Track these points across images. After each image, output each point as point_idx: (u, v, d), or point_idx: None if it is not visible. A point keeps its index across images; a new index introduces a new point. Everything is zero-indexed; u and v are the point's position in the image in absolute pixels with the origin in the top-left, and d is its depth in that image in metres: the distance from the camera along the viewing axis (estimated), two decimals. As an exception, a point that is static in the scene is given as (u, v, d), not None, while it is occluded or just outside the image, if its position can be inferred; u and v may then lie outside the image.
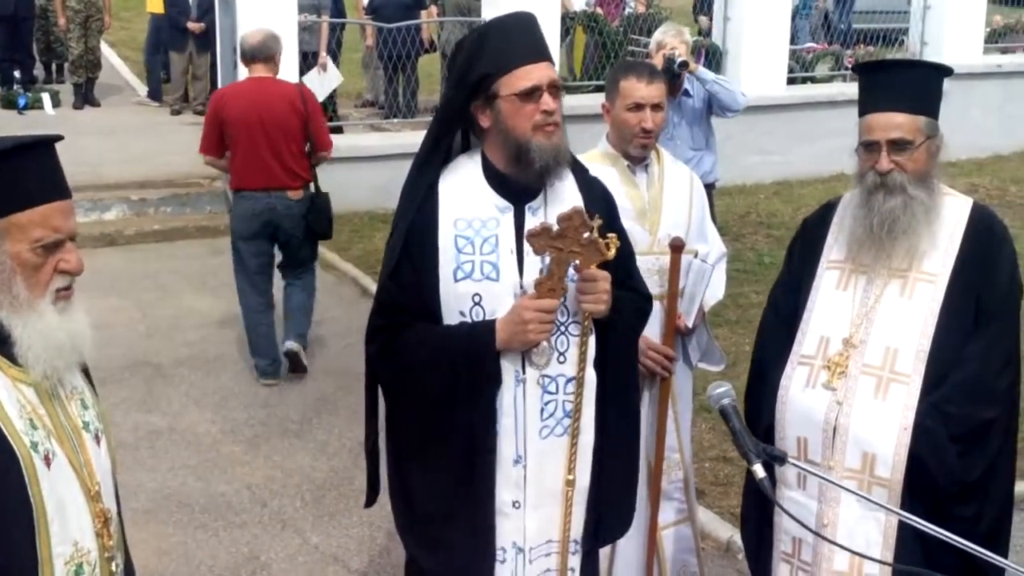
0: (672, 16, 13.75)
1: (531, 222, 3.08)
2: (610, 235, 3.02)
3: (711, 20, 13.20)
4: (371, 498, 3.46)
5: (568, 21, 12.67)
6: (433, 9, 13.81)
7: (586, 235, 2.97)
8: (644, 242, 4.02)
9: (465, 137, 3.24)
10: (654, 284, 4.02)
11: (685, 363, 4.23)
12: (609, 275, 3.06)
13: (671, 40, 6.83)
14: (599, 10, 13.39)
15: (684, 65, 6.66)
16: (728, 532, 5.37)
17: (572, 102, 11.09)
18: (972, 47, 13.34)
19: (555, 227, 2.97)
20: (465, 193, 3.11)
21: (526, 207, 3.11)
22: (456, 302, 3.05)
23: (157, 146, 12.33)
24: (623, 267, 3.19)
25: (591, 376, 3.12)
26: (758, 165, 12.26)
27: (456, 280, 3.05)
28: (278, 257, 7.51)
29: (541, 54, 3.09)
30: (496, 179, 3.11)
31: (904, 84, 3.28)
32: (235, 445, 6.46)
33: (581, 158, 4.16)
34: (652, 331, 4.03)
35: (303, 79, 11.35)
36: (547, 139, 3.04)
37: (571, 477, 3.12)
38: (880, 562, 3.21)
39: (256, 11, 10.35)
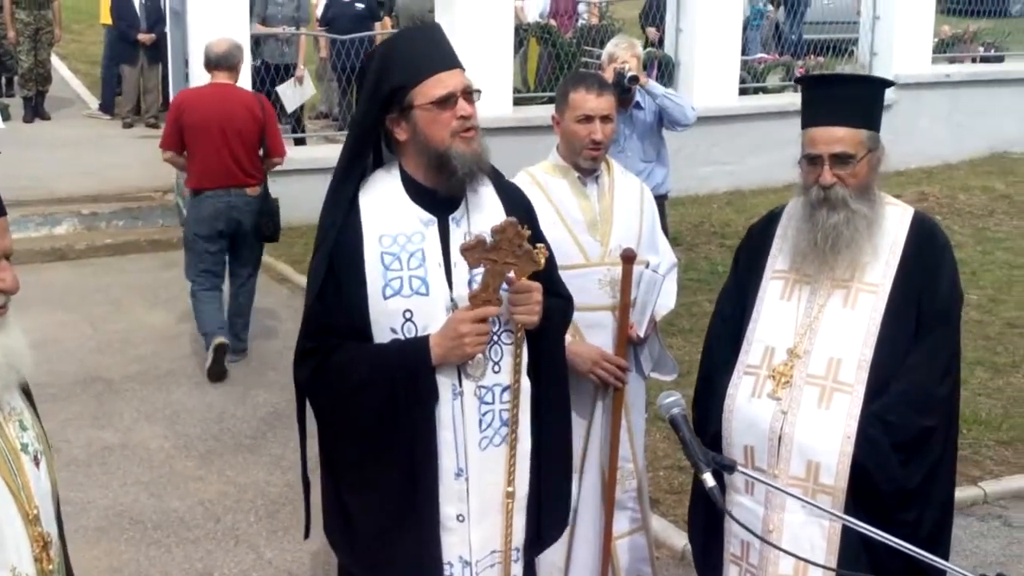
0: (624, 27, 13.82)
1: (455, 233, 3.08)
2: (539, 245, 3.03)
3: (659, 31, 13.28)
4: (308, 530, 3.43)
5: (521, 32, 12.70)
6: (387, 20, 13.80)
7: (521, 246, 2.97)
8: (595, 253, 4.04)
9: (376, 153, 3.21)
10: (606, 295, 4.05)
11: (638, 373, 4.25)
12: (540, 286, 3.07)
13: (622, 53, 6.86)
14: (552, 21, 13.43)
15: (634, 80, 6.69)
16: (683, 540, 5.37)
17: (526, 113, 11.17)
18: (920, 57, 13.51)
19: (489, 239, 2.97)
20: (387, 208, 3.09)
21: (449, 218, 3.11)
22: (387, 319, 3.03)
23: (109, 159, 12.23)
24: (548, 274, 3.19)
25: (525, 384, 3.13)
26: (711, 175, 12.35)
27: (386, 297, 3.02)
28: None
29: (452, 62, 3.09)
30: (417, 192, 3.10)
31: (846, 98, 3.33)
32: (188, 460, 6.40)
33: (532, 170, 4.19)
34: (604, 341, 4.05)
35: (277, 89, 11.41)
36: (467, 145, 3.04)
37: (511, 489, 3.13)
38: (822, 567, 3.24)
39: (208, 23, 10.30)
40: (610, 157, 4.25)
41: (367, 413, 3.03)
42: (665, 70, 12.42)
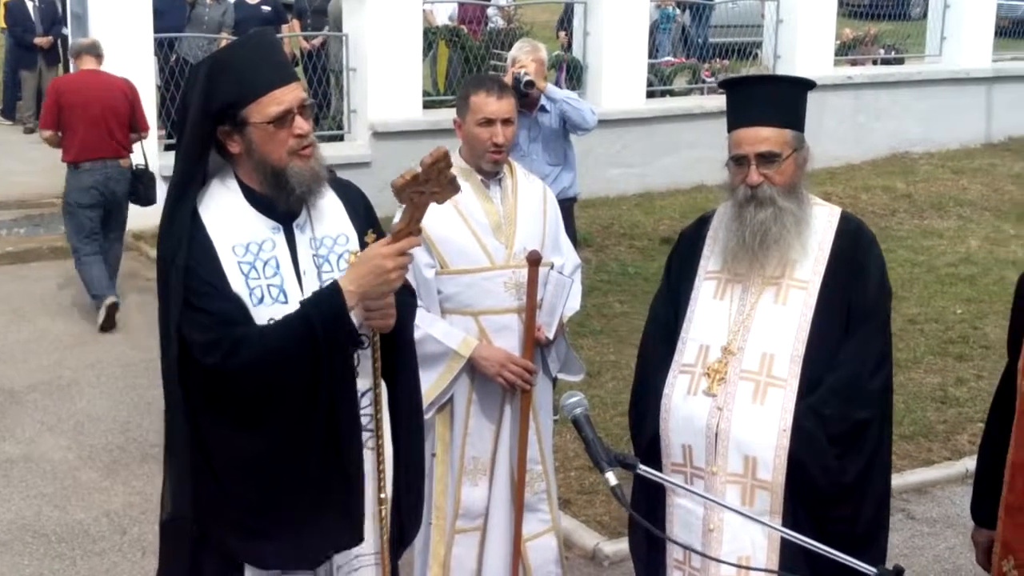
0: (533, 31, 13.88)
1: (301, 240, 3.03)
2: (371, 233, 2.99)
3: (568, 35, 13.36)
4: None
5: (430, 35, 12.69)
6: (295, 23, 13.69)
7: (446, 174, 2.89)
8: (500, 256, 4.05)
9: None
10: (512, 297, 4.06)
11: (545, 375, 4.27)
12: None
13: (523, 57, 6.87)
14: (462, 25, 13.44)
15: (530, 84, 6.68)
16: (594, 540, 5.41)
17: (435, 116, 11.15)
18: (823, 59, 13.74)
19: (420, 172, 2.86)
20: (231, 218, 3.01)
21: (293, 225, 3.05)
22: None
23: (9, 166, 11.97)
24: None
25: (383, 388, 3.10)
26: (620, 177, 12.43)
27: (254, 306, 2.95)
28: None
29: (288, 76, 3.02)
30: (258, 201, 3.02)
31: (770, 99, 3.36)
32: (93, 471, 6.26)
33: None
34: (511, 344, 4.07)
35: None
36: (304, 163, 2.97)
37: (383, 495, 3.10)
38: (764, 571, 3.26)
39: (110, 26, 10.14)
40: (513, 160, 4.27)
41: (294, 378, 2.90)
42: (574, 73, 12.49)
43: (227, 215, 3.01)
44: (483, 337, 4.04)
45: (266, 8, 13.23)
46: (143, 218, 10.36)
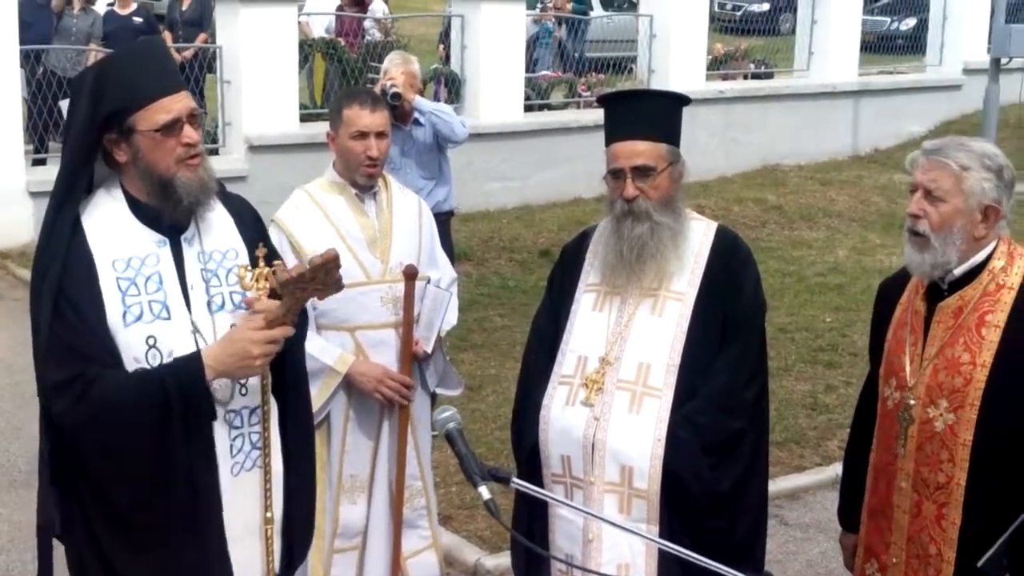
0: (411, 44, 13.86)
1: (188, 254, 2.98)
2: (277, 261, 2.97)
3: (447, 49, 13.39)
4: None
5: (307, 48, 12.58)
6: (168, 34, 13.44)
7: (332, 274, 2.90)
8: (376, 270, 4.04)
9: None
10: (388, 312, 4.04)
11: (423, 389, 4.26)
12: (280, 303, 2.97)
13: (393, 69, 6.87)
14: (339, 38, 13.35)
15: (396, 96, 6.66)
16: (475, 555, 5.41)
17: (312, 130, 11.04)
18: (695, 74, 13.98)
19: (307, 270, 2.86)
20: (115, 231, 2.94)
21: (181, 239, 2.99)
22: (129, 349, 2.87)
23: None
24: None
25: (273, 405, 3.06)
26: (499, 191, 12.48)
27: (127, 324, 2.87)
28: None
29: (177, 84, 2.98)
30: (144, 213, 2.96)
31: (644, 113, 3.43)
32: (-42, 498, 6.06)
33: (308, 187, 4.15)
34: (389, 359, 4.05)
35: (60, 103, 11.08)
36: (192, 172, 2.92)
37: (270, 515, 3.05)
38: None
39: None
40: (387, 173, 4.26)
41: (142, 441, 2.84)
42: (452, 86, 12.52)
43: (110, 227, 2.94)
44: (360, 353, 4.02)
45: (137, 19, 12.99)
46: (9, 237, 10.08)
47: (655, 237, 3.37)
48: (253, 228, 3.13)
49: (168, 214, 2.95)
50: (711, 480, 3.30)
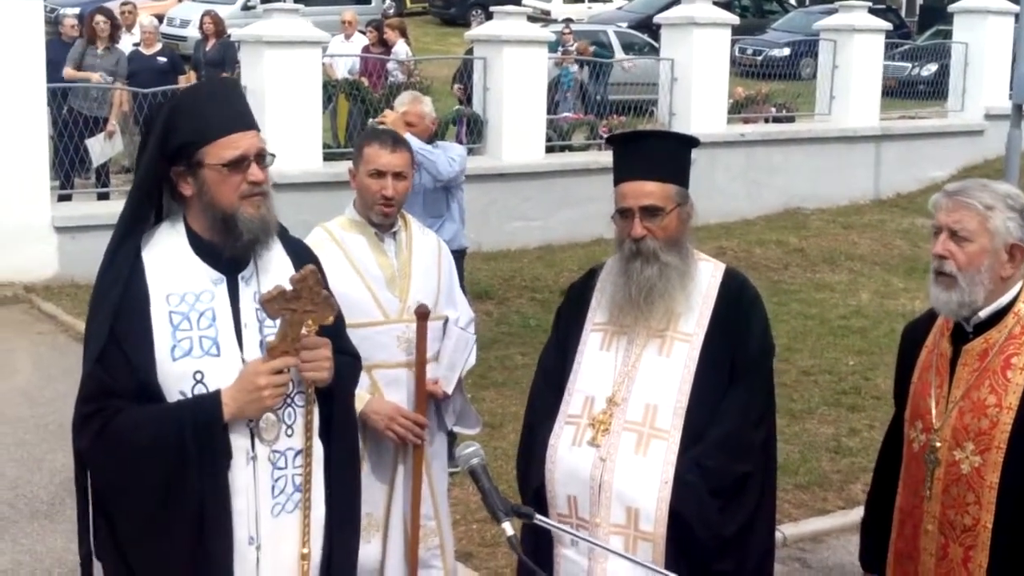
0: (434, 86, 13.98)
1: (244, 293, 3.00)
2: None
3: (467, 90, 13.49)
4: None
5: (330, 88, 12.71)
6: (192, 75, 13.59)
7: (320, 293, 2.93)
8: (394, 310, 4.04)
9: (158, 204, 3.08)
10: (404, 351, 4.03)
11: (440, 428, 4.24)
12: (329, 341, 3.01)
13: (396, 108, 6.91)
14: (362, 78, 13.48)
15: None
16: (496, 594, 5.40)
17: (336, 168, 11.13)
18: (716, 117, 14.06)
19: (289, 289, 2.90)
20: (173, 265, 2.97)
21: (239, 277, 3.01)
22: (176, 382, 2.89)
23: None
24: (337, 331, 3.12)
25: (318, 447, 3.05)
26: (520, 230, 12.54)
27: (175, 359, 2.89)
28: None
29: (248, 123, 3.01)
30: (203, 249, 2.99)
31: (653, 154, 3.44)
32: (-21, 530, 6.08)
33: (329, 225, 4.17)
34: (404, 398, 4.04)
35: (87, 142, 11.25)
36: (255, 210, 2.95)
37: (306, 551, 3.04)
38: None
39: (2, 76, 9.98)
40: (406, 213, 4.27)
41: (154, 479, 2.86)
42: (474, 127, 12.61)
43: (169, 260, 2.98)
44: (376, 391, 4.01)
45: (162, 59, 13.15)
46: (35, 272, 10.17)
47: (664, 278, 3.37)
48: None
49: (228, 249, 2.97)
50: (718, 524, 3.28)
